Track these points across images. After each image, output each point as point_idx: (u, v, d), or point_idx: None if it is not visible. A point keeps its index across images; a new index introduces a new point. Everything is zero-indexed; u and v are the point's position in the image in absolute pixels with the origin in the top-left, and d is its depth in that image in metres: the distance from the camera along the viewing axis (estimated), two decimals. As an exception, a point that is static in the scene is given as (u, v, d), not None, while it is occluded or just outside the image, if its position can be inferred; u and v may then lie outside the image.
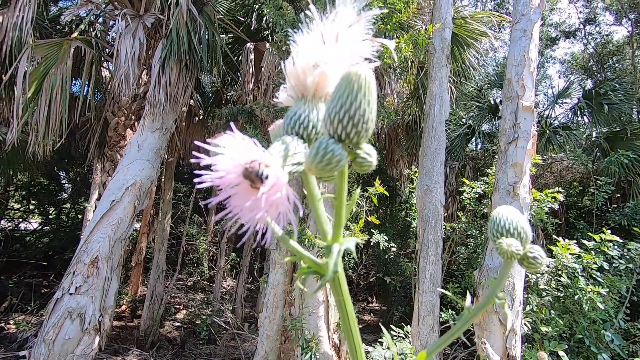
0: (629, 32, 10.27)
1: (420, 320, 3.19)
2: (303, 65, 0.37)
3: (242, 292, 7.75)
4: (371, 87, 0.33)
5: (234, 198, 0.30)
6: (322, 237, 0.38)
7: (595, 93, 6.66)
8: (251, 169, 0.29)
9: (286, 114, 0.39)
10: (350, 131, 0.33)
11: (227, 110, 4.51)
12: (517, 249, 0.41)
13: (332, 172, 0.33)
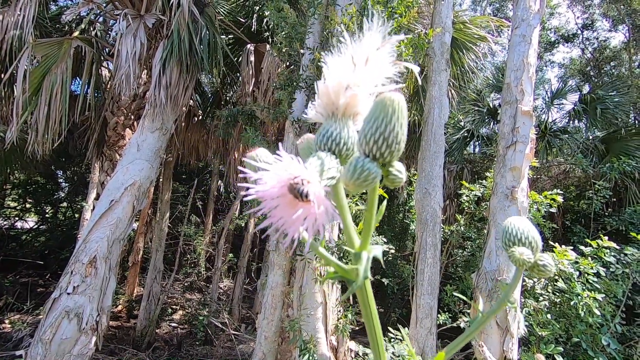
0: (626, 37, 10.37)
1: (418, 323, 3.20)
2: (335, 86, 0.38)
3: (239, 293, 7.74)
4: (403, 112, 0.36)
5: (276, 209, 0.32)
6: (349, 245, 0.40)
7: (591, 97, 6.72)
8: (296, 185, 0.31)
9: (319, 130, 0.41)
10: (385, 151, 0.36)
11: (227, 112, 4.52)
12: (528, 257, 0.42)
13: (367, 187, 0.36)
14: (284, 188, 0.31)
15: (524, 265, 0.43)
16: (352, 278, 0.39)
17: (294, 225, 0.33)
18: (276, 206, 0.32)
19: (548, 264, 0.42)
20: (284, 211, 0.32)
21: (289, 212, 0.32)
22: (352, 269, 0.39)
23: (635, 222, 5.60)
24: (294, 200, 0.32)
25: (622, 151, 6.07)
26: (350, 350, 3.49)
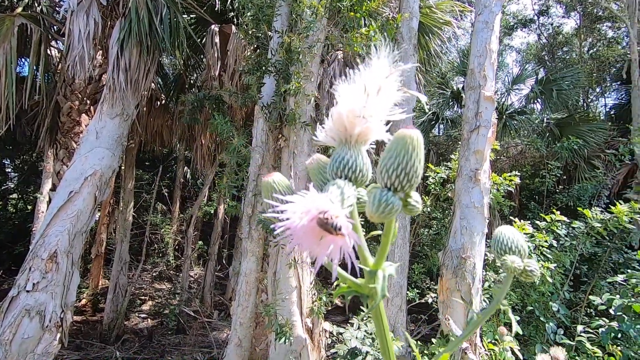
0: (577, 24, 10.95)
1: (389, 301, 3.34)
2: (349, 115, 0.39)
3: (210, 281, 7.67)
4: (421, 148, 0.39)
5: (304, 238, 0.33)
6: (363, 263, 0.42)
7: (547, 80, 7.11)
8: (326, 220, 0.32)
9: (333, 156, 0.42)
10: (405, 184, 0.39)
11: (193, 96, 4.33)
12: (519, 265, 0.47)
13: (389, 219, 0.39)
14: (311, 221, 0.32)
15: (515, 272, 0.47)
16: (365, 293, 0.41)
17: (321, 253, 0.34)
18: (302, 235, 0.33)
19: (534, 268, 0.47)
20: (309, 239, 0.34)
21: (313, 240, 0.34)
22: (364, 285, 0.41)
23: (582, 198, 6.10)
24: (320, 231, 0.33)
25: (574, 133, 6.51)
26: (325, 331, 3.60)
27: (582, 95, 9.76)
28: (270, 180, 0.46)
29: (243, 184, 3.83)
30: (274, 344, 3.48)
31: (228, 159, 3.46)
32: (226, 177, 3.85)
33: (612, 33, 10.54)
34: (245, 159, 3.64)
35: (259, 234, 3.66)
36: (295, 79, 2.96)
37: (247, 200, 3.58)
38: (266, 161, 3.52)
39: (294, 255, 3.44)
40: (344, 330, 3.26)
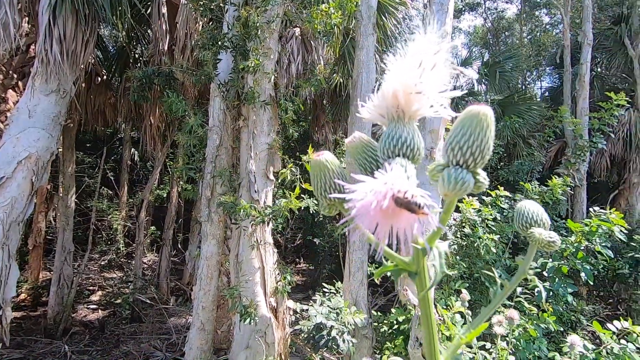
0: (518, 10, 11.61)
1: (351, 276, 3.47)
2: (404, 90, 0.37)
3: (166, 266, 7.41)
4: (493, 125, 0.39)
5: (375, 218, 0.32)
6: (412, 241, 0.41)
7: (491, 63, 7.52)
8: (406, 199, 0.30)
9: (386, 132, 0.40)
10: (479, 161, 0.39)
11: (140, 72, 4.00)
12: (545, 236, 0.50)
13: (462, 195, 0.39)
14: (386, 200, 0.31)
15: (542, 242, 0.50)
16: (413, 270, 0.41)
17: (387, 232, 0.34)
18: (367, 214, 0.32)
19: (556, 239, 0.50)
20: (380, 220, 0.33)
21: (380, 220, 0.33)
22: (412, 263, 0.41)
23: (520, 173, 6.67)
24: (391, 211, 0.32)
25: (514, 113, 7.01)
26: (289, 309, 3.67)
27: (521, 78, 10.48)
28: (322, 160, 0.43)
29: (200, 166, 3.68)
30: (238, 325, 3.48)
31: (183, 139, 3.29)
32: (181, 158, 3.67)
33: (548, 19, 11.33)
34: (202, 139, 3.48)
35: (219, 216, 3.57)
36: (254, 55, 2.84)
37: (205, 183, 3.45)
38: (224, 141, 3.40)
39: (256, 236, 3.42)
40: (308, 307, 3.33)
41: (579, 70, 6.96)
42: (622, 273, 5.01)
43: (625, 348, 2.40)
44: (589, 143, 6.01)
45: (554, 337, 3.53)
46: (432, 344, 0.42)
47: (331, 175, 0.43)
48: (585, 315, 4.30)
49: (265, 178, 3.40)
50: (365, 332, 3.34)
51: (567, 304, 3.59)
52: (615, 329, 2.57)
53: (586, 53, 6.88)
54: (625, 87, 8.11)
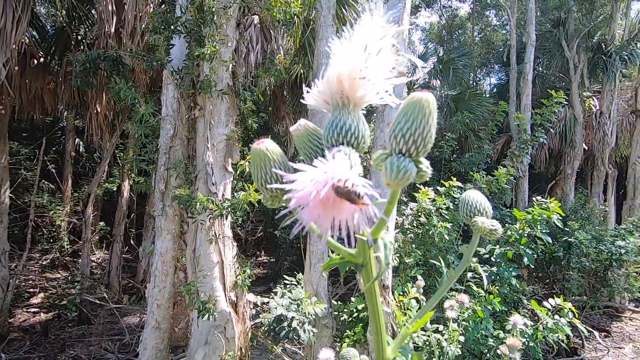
0: (470, 9, 12.17)
1: (311, 268, 3.49)
2: (349, 75, 0.35)
3: (117, 264, 7.01)
4: (435, 112, 0.38)
5: (316, 209, 0.29)
6: (358, 232, 0.40)
7: (446, 59, 7.84)
8: (346, 188, 0.29)
9: (330, 119, 0.38)
10: (421, 150, 0.38)
11: (84, 56, 3.68)
12: (488, 225, 0.51)
13: (405, 185, 0.38)
14: (325, 190, 0.29)
15: (484, 231, 0.51)
16: (359, 262, 0.40)
17: (329, 223, 0.33)
18: (308, 205, 0.30)
19: (498, 227, 0.52)
20: (321, 210, 0.31)
21: (321, 211, 0.31)
22: (358, 255, 0.40)
23: (471, 165, 7.06)
24: (333, 202, 0.30)
25: (466, 108, 7.37)
26: (249, 302, 3.62)
27: (473, 75, 11.04)
28: (262, 148, 0.41)
29: (153, 157, 3.48)
30: (196, 322, 3.38)
31: (133, 129, 3.09)
32: (132, 149, 3.45)
33: (497, 20, 11.99)
34: (154, 129, 3.29)
35: (174, 210, 3.42)
36: (210, 42, 2.72)
37: (158, 175, 3.28)
38: (179, 132, 3.25)
39: (214, 230, 3.32)
40: (269, 300, 3.32)
41: (523, 69, 7.46)
42: (557, 256, 5.52)
43: (558, 322, 2.65)
44: (532, 137, 6.49)
45: (499, 317, 3.81)
46: (379, 335, 0.43)
47: (272, 164, 0.41)
48: (526, 295, 4.68)
49: (223, 170, 3.30)
50: (325, 321, 3.40)
51: (511, 286, 3.88)
52: (550, 306, 2.82)
53: (529, 53, 7.38)
54: (562, 85, 8.84)
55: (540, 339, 2.93)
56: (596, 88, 8.63)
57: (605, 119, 7.74)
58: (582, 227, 5.78)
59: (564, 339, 3.05)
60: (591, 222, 6.57)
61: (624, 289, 5.54)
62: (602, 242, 5.50)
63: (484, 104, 7.88)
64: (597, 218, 7.02)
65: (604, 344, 5.43)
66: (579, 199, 7.74)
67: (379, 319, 0.43)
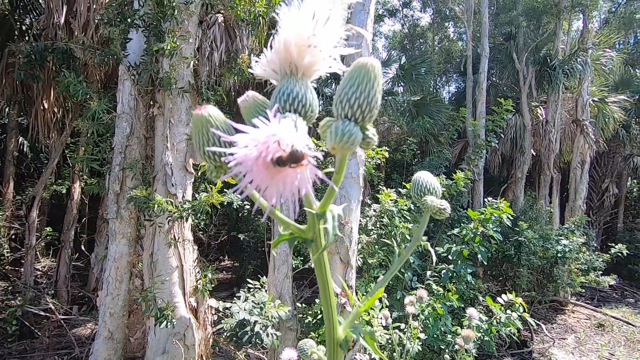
0: (431, 19, 12.70)
1: (275, 270, 3.45)
2: (297, 42, 0.34)
3: (65, 272, 6.53)
4: (380, 77, 0.37)
5: (258, 173, 0.28)
6: (307, 205, 0.39)
7: (408, 65, 8.12)
8: (287, 147, 0.27)
9: (277, 88, 0.36)
10: (367, 115, 0.37)
11: (29, 47, 3.39)
12: (437, 204, 0.52)
13: (350, 150, 0.36)
14: (269, 151, 0.28)
15: (433, 209, 0.52)
16: (309, 237, 0.39)
17: (273, 189, 0.30)
18: (251, 170, 0.28)
19: (447, 207, 0.53)
20: (263, 174, 0.29)
21: (268, 176, 0.29)
22: (307, 229, 0.39)
23: (431, 168, 7.34)
24: (279, 165, 0.29)
25: (426, 114, 7.67)
26: (210, 308, 3.51)
27: (433, 82, 11.52)
28: (204, 114, 0.39)
29: (106, 157, 3.29)
30: (153, 330, 3.22)
31: (85, 127, 2.90)
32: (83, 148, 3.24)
33: (455, 32, 12.62)
34: (108, 127, 3.11)
35: (130, 213, 3.24)
36: (170, 37, 2.62)
37: (113, 176, 3.10)
38: (136, 130, 3.09)
39: (173, 233, 3.19)
40: (231, 305, 3.23)
41: (478, 78, 7.90)
42: (509, 254, 5.86)
43: (510, 317, 2.81)
44: (485, 142, 6.87)
45: (457, 314, 3.97)
46: (330, 313, 0.43)
47: (216, 130, 0.39)
48: (482, 292, 4.93)
49: (183, 171, 3.18)
50: (290, 324, 3.36)
51: (467, 283, 4.07)
52: (503, 302, 2.99)
53: (484, 64, 7.83)
54: (513, 95, 9.44)
55: (494, 333, 3.10)
56: (543, 98, 9.32)
57: (551, 127, 8.37)
58: (531, 227, 6.20)
59: (515, 332, 3.24)
60: (539, 223, 7.05)
61: (567, 284, 5.99)
62: (549, 240, 5.92)
63: (443, 110, 8.24)
64: (543, 218, 7.55)
65: (549, 336, 5.83)
66: (527, 201, 8.29)
67: (329, 295, 0.43)
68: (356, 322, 0.46)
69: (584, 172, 8.39)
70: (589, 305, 7.04)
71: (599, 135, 8.74)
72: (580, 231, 6.48)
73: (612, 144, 9.73)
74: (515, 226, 5.70)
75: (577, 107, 8.44)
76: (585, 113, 8.34)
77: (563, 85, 8.30)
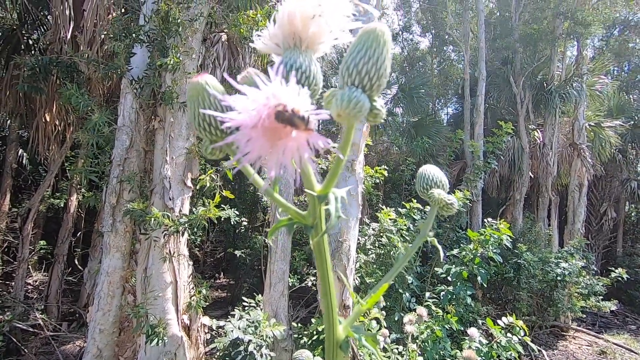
0: (430, 43, 13.01)
1: (271, 287, 3.38)
2: (301, 14, 0.34)
3: (57, 287, 6.40)
4: (390, 43, 0.35)
5: (257, 139, 0.26)
6: (308, 187, 0.37)
7: (408, 87, 8.26)
8: (288, 112, 0.26)
9: (281, 59, 0.36)
10: (375, 82, 0.35)
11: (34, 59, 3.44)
12: (444, 197, 0.50)
13: (358, 119, 0.34)
14: (266, 114, 0.26)
15: (440, 202, 0.51)
16: (309, 223, 0.38)
17: (273, 158, 0.28)
18: (250, 138, 0.27)
19: (454, 201, 0.52)
20: (263, 141, 0.27)
21: (265, 143, 0.28)
22: (308, 215, 0.38)
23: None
24: (275, 130, 0.27)
25: (425, 134, 7.74)
26: (204, 326, 3.42)
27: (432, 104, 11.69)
28: (201, 82, 0.36)
29: (105, 170, 3.28)
30: (143, 348, 3.12)
31: (84, 138, 2.90)
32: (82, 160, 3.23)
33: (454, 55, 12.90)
34: (108, 139, 3.12)
35: (125, 226, 3.20)
36: (174, 53, 2.67)
37: (110, 188, 3.08)
38: (136, 143, 3.10)
39: (169, 248, 3.14)
40: (225, 323, 3.15)
41: (476, 101, 8.02)
42: (508, 277, 5.78)
43: (510, 340, 2.74)
44: (484, 163, 6.90)
45: (456, 337, 3.87)
46: (330, 308, 0.40)
47: (212, 100, 0.37)
48: (481, 315, 4.83)
49: (182, 185, 3.17)
50: (285, 344, 3.27)
51: (467, 306, 3.99)
52: (503, 324, 2.92)
53: (481, 87, 7.97)
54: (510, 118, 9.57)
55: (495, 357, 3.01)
56: (540, 121, 9.44)
57: (548, 150, 8.44)
58: (530, 249, 6.14)
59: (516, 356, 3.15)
60: (537, 245, 7.00)
61: (568, 308, 5.88)
62: (548, 263, 5.85)
63: (441, 131, 8.33)
64: (542, 241, 7.50)
65: (551, 363, 5.67)
66: (526, 223, 8.25)
67: (329, 288, 0.41)
68: (357, 323, 0.44)
69: (582, 195, 8.40)
70: (590, 331, 6.89)
71: (596, 159, 8.81)
72: (579, 254, 6.43)
73: (609, 168, 9.79)
74: (514, 248, 5.65)
75: (574, 131, 8.54)
76: (581, 137, 8.43)
77: (559, 109, 8.43)
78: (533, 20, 8.98)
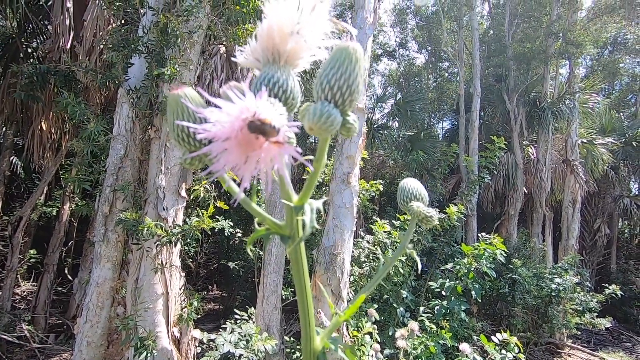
0: (425, 59, 13.25)
1: (264, 300, 3.34)
2: (279, 30, 0.35)
3: (46, 297, 6.27)
4: (362, 62, 0.37)
5: (231, 150, 0.27)
6: (285, 198, 0.38)
7: (403, 102, 8.37)
8: (260, 122, 0.26)
9: (260, 74, 0.37)
10: (347, 98, 0.36)
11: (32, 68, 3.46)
12: (423, 209, 0.51)
13: (329, 132, 0.35)
14: (239, 126, 0.27)
15: (420, 215, 0.51)
16: (286, 234, 0.38)
17: (247, 169, 0.29)
18: (225, 149, 0.28)
19: (434, 214, 0.52)
20: (237, 152, 0.28)
21: (241, 154, 0.28)
22: (285, 225, 0.38)
23: (425, 203, 7.35)
24: (249, 141, 0.28)
25: (421, 148, 7.80)
26: (194, 339, 3.35)
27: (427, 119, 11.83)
28: (180, 93, 0.37)
29: (99, 178, 3.26)
30: (131, 362, 3.05)
31: (79, 146, 2.90)
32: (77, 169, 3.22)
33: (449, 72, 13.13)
34: (104, 148, 3.11)
35: (117, 236, 3.17)
36: (171, 64, 2.69)
37: (103, 197, 3.06)
38: (130, 152, 3.09)
39: (161, 258, 3.10)
40: (216, 336, 3.09)
41: (471, 116, 8.14)
42: (503, 292, 5.76)
43: (505, 357, 2.71)
44: (478, 178, 6.95)
45: (451, 353, 3.83)
46: (307, 320, 0.40)
47: (190, 112, 0.38)
48: (476, 331, 4.78)
49: (176, 195, 3.15)
50: (277, 359, 3.21)
51: (461, 321, 3.96)
52: (498, 340, 2.89)
53: (476, 103, 8.10)
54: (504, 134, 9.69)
55: (489, 374, 2.97)
56: (533, 137, 9.56)
57: (542, 166, 8.53)
58: (524, 264, 6.14)
59: (510, 374, 3.11)
60: (532, 261, 7.00)
61: (563, 324, 5.85)
62: (542, 279, 5.84)
63: (437, 145, 8.41)
64: (537, 256, 7.50)
65: (547, 381, 5.60)
66: (520, 238, 8.27)
67: (306, 299, 0.40)
68: (335, 334, 0.43)
69: (576, 211, 8.45)
70: (585, 348, 6.84)
71: (589, 176, 8.90)
72: (573, 270, 6.43)
73: (602, 184, 9.89)
74: (508, 263, 5.64)
75: (567, 148, 8.65)
76: (574, 154, 8.54)
77: (553, 126, 8.56)
78: (526, 39, 9.19)
